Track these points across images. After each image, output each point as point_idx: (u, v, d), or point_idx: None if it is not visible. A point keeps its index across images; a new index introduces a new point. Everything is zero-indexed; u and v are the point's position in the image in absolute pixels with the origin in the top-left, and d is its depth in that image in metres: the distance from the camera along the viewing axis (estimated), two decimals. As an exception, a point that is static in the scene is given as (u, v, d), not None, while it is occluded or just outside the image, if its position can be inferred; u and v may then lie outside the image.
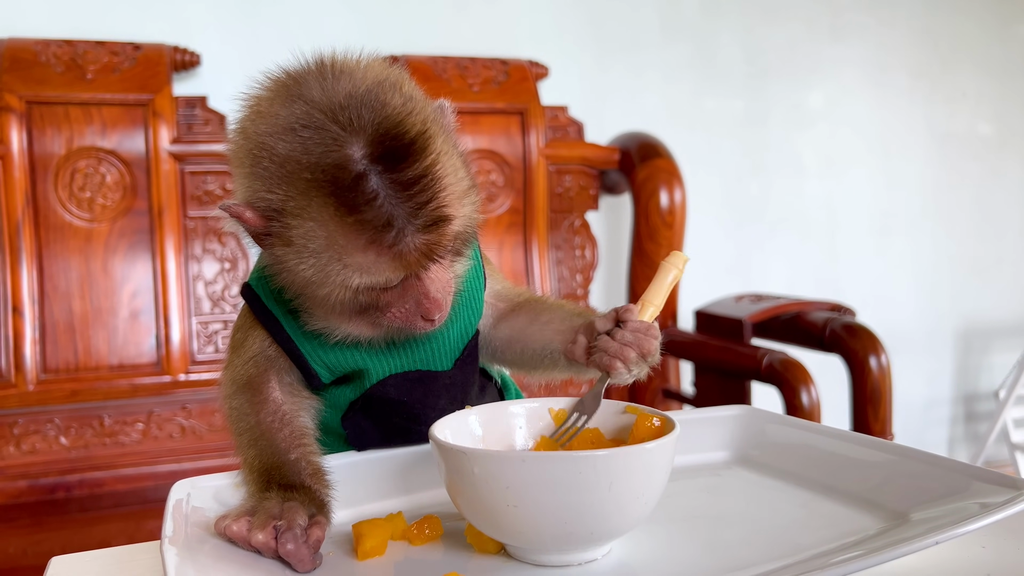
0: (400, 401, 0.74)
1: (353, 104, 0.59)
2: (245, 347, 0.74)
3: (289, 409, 0.72)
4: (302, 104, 0.60)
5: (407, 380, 0.74)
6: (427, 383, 0.75)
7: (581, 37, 2.31)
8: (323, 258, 0.61)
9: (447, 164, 0.62)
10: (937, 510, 0.60)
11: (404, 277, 0.63)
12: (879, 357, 1.67)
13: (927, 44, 2.76)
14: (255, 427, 0.69)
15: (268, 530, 0.58)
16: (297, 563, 0.57)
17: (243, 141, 0.64)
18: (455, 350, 0.76)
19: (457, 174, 0.64)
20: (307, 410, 0.74)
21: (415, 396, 0.75)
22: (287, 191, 0.60)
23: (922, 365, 2.82)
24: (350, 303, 0.64)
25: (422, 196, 0.59)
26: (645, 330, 0.69)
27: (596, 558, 0.59)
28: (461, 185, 0.64)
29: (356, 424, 0.76)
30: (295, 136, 0.59)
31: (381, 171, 0.58)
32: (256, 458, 0.67)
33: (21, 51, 1.70)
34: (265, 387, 0.72)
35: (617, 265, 2.32)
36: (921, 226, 2.80)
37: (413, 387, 0.75)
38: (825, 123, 2.65)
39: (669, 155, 2.07)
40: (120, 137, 1.74)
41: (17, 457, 1.66)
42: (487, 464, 0.54)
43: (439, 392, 0.75)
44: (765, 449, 0.79)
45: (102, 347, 1.72)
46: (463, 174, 0.65)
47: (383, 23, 2.10)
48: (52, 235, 1.70)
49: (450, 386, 0.76)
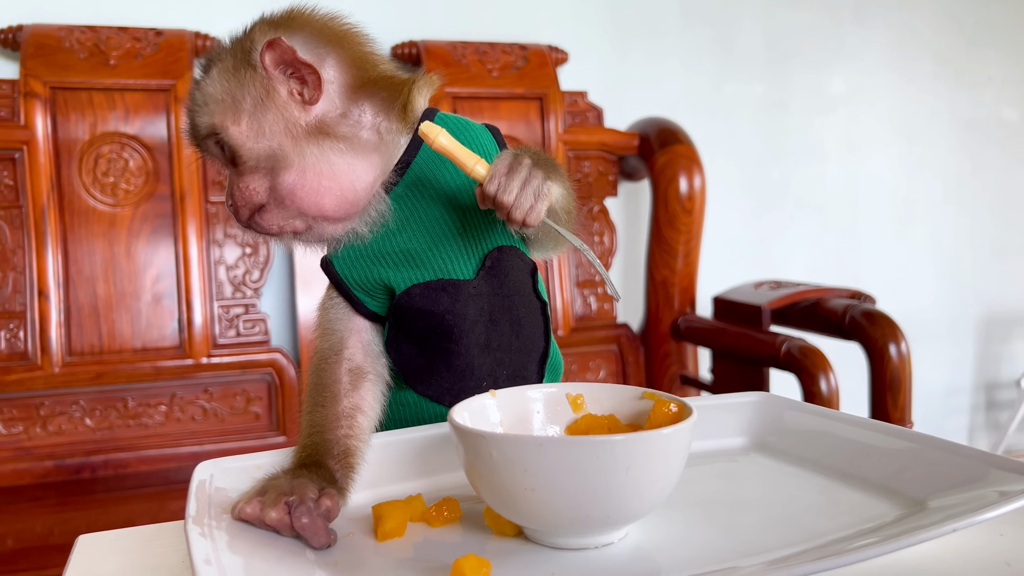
0: (428, 311, 0.76)
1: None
2: (322, 307, 0.80)
3: (346, 389, 0.74)
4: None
5: (430, 289, 0.76)
6: (451, 292, 0.76)
7: (601, 22, 2.30)
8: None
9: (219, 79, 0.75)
10: (955, 498, 0.60)
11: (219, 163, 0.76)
12: (899, 345, 1.66)
13: (952, 28, 2.72)
14: (311, 405, 0.73)
15: (280, 506, 0.59)
16: (312, 536, 0.58)
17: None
18: (473, 257, 0.78)
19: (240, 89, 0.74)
20: (370, 390, 0.76)
21: (442, 305, 0.76)
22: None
23: (943, 353, 2.80)
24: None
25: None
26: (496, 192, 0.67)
27: (613, 541, 0.59)
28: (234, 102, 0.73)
29: (398, 348, 0.78)
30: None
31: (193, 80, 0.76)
32: (301, 434, 0.70)
33: (45, 37, 1.71)
34: (331, 363, 0.75)
35: (636, 252, 2.32)
36: (943, 212, 2.77)
37: (438, 296, 0.76)
38: (847, 108, 2.62)
39: (689, 141, 2.06)
40: (143, 122, 1.76)
41: (44, 438, 1.68)
42: (505, 448, 0.55)
43: (466, 301, 0.76)
44: (783, 436, 0.79)
45: (126, 330, 1.74)
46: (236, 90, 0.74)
47: (402, 8, 2.10)
48: (76, 220, 1.72)
49: (476, 296, 0.77)
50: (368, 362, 0.77)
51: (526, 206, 0.67)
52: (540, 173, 0.69)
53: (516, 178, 0.67)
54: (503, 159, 0.68)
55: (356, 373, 0.76)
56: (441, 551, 0.60)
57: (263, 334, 1.84)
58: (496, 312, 0.79)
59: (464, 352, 0.76)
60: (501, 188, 0.67)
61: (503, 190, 0.67)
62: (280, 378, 1.82)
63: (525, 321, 0.82)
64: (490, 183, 0.67)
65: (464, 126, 0.81)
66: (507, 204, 0.67)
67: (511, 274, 0.80)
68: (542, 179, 0.69)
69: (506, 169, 0.68)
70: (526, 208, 0.67)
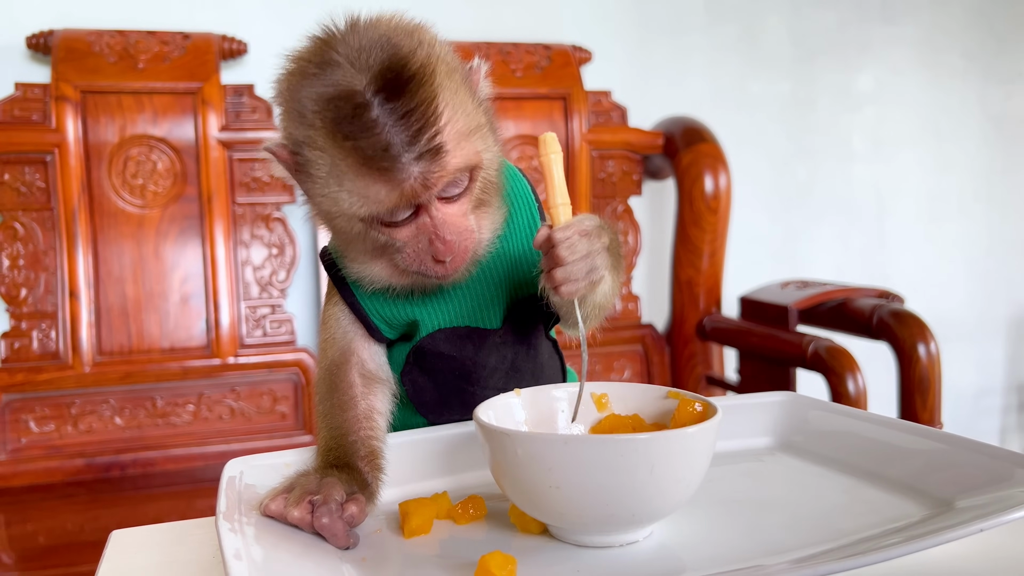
0: (450, 356, 0.76)
1: (365, 47, 0.62)
2: (328, 318, 0.78)
3: (360, 392, 0.75)
4: (327, 49, 0.64)
5: (456, 335, 0.76)
6: (476, 340, 0.77)
7: (625, 20, 2.29)
8: (331, 185, 0.64)
9: (450, 100, 0.64)
10: (982, 498, 0.59)
11: (414, 214, 0.65)
12: (928, 345, 1.64)
13: (981, 24, 2.69)
14: (327, 410, 0.73)
15: (303, 505, 0.60)
16: (331, 537, 0.59)
17: (278, 85, 0.68)
18: (503, 308, 0.78)
19: (465, 113, 0.65)
20: (383, 393, 0.77)
21: (465, 352, 0.77)
22: (302, 122, 0.64)
23: (973, 353, 2.76)
24: (366, 239, 0.67)
25: (417, 125, 0.61)
26: (560, 242, 0.64)
27: (637, 540, 0.59)
28: (467, 123, 0.65)
29: (413, 379, 0.79)
30: (312, 75, 0.63)
31: (380, 103, 0.60)
32: (323, 439, 0.71)
33: (76, 42, 1.74)
34: (343, 370, 0.75)
35: (660, 251, 2.31)
36: (973, 210, 2.74)
37: (463, 343, 0.77)
38: (874, 106, 2.60)
39: (714, 139, 2.05)
40: (170, 125, 1.78)
41: (74, 436, 1.71)
42: (530, 446, 0.55)
43: (489, 350, 0.77)
44: (808, 435, 0.78)
45: (154, 330, 1.76)
46: (473, 115, 0.67)
47: (426, 9, 2.10)
48: (106, 221, 1.74)
49: (500, 345, 0.77)
50: (377, 367, 0.78)
51: (573, 276, 0.65)
52: (606, 260, 0.67)
53: (585, 245, 0.65)
54: (589, 220, 0.66)
55: (368, 377, 0.77)
56: (467, 548, 0.60)
57: (289, 334, 1.85)
58: (519, 360, 0.80)
59: (480, 395, 0.75)
60: (568, 243, 0.64)
61: (568, 246, 0.64)
62: (306, 378, 1.84)
63: (547, 366, 0.83)
64: (563, 231, 0.65)
65: (515, 176, 0.81)
66: (561, 260, 0.64)
67: (534, 322, 0.81)
68: (602, 266, 0.67)
69: (584, 231, 0.65)
70: (572, 278, 0.65)
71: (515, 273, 0.78)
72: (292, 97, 0.65)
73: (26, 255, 1.70)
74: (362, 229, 0.66)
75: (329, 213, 0.67)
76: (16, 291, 1.70)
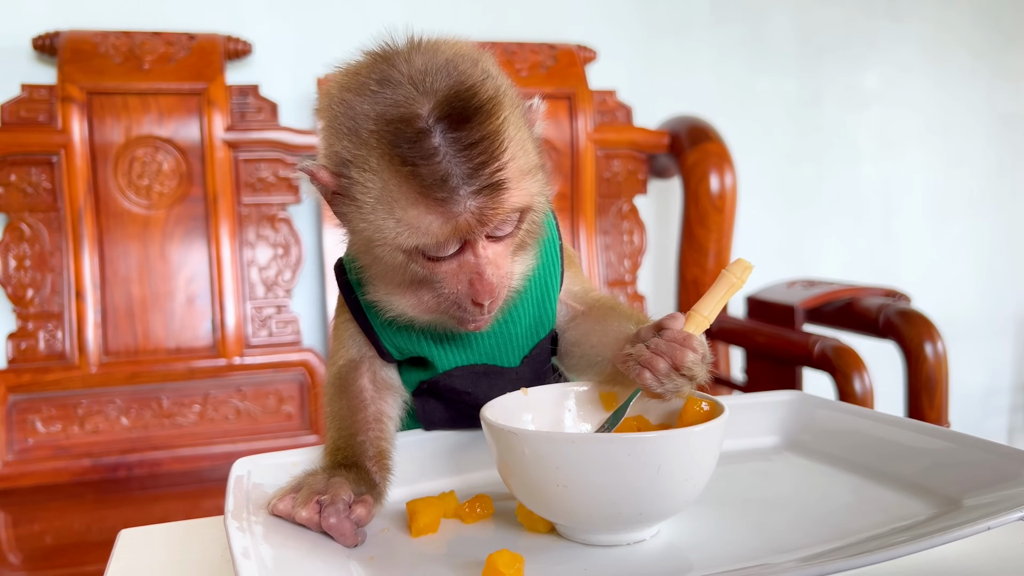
0: (465, 391, 0.76)
1: (431, 70, 0.60)
2: (341, 327, 0.77)
3: (371, 396, 0.74)
4: (385, 67, 0.61)
5: (473, 373, 0.76)
6: (493, 378, 0.76)
7: (630, 19, 2.29)
8: (379, 212, 0.61)
9: (514, 136, 0.61)
10: (990, 496, 0.59)
11: (459, 251, 0.63)
12: (935, 344, 1.64)
13: (989, 21, 2.68)
14: (336, 411, 0.73)
15: (311, 505, 0.60)
16: (339, 537, 0.59)
17: (327, 100, 0.65)
18: (523, 348, 0.77)
19: (525, 151, 0.63)
20: (393, 399, 0.77)
21: (480, 388, 0.75)
22: (353, 140, 0.61)
23: (981, 352, 2.75)
24: (405, 270, 0.64)
25: (481, 158, 0.58)
26: (682, 340, 0.63)
27: (645, 538, 0.59)
28: (527, 162, 0.63)
29: (425, 402, 0.78)
30: (371, 92, 0.61)
31: (444, 130, 0.58)
32: (331, 440, 0.71)
33: (81, 43, 1.74)
34: (354, 374, 0.75)
35: (666, 251, 2.31)
36: (981, 209, 2.73)
37: (479, 380, 0.76)
38: (881, 104, 2.59)
39: (719, 138, 2.04)
40: (176, 125, 1.78)
41: (81, 436, 1.71)
42: (537, 445, 0.55)
43: (504, 387, 0.75)
44: (815, 434, 0.78)
45: (160, 331, 1.77)
46: (532, 155, 0.65)
47: (431, 9, 2.11)
48: (112, 222, 1.75)
49: (517, 381, 0.75)
50: (388, 376, 0.78)
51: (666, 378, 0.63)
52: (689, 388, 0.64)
53: (698, 367, 0.64)
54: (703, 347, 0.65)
55: (379, 383, 0.77)
56: (474, 547, 0.60)
57: (295, 334, 1.86)
58: None
59: None
60: (691, 356, 0.63)
61: (692, 359, 0.63)
62: (312, 378, 1.84)
63: None
64: (694, 340, 0.64)
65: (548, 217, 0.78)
66: (679, 362, 0.62)
67: (548, 359, 0.80)
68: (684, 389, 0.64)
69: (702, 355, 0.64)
70: (664, 379, 0.62)
71: (538, 314, 0.77)
72: (344, 113, 0.62)
73: (32, 256, 1.71)
74: (403, 261, 0.63)
75: (370, 240, 0.63)
76: (23, 292, 1.70)
